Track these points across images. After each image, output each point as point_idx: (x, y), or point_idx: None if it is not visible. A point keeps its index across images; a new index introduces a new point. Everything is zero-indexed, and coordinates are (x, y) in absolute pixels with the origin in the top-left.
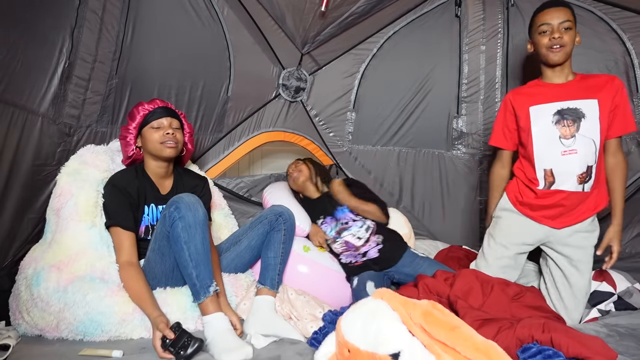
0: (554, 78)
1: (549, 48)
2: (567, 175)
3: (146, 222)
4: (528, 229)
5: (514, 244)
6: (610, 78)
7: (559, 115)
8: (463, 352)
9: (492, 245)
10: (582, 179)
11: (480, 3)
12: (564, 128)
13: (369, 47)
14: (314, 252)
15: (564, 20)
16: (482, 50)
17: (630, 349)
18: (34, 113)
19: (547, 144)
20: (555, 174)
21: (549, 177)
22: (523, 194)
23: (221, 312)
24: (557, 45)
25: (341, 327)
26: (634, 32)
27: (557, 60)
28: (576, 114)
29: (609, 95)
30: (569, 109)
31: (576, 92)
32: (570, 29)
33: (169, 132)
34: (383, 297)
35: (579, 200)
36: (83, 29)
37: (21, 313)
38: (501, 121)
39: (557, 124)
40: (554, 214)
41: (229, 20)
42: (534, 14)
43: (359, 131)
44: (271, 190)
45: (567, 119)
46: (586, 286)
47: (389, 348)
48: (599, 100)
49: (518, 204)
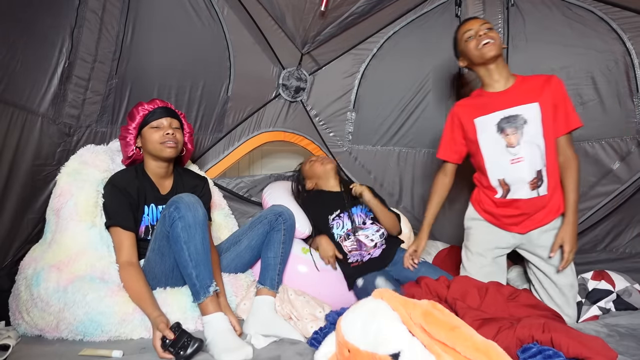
0: (495, 85)
1: (480, 47)
2: (519, 183)
3: (146, 222)
4: (498, 236)
5: (489, 250)
6: (548, 78)
7: (502, 125)
8: (463, 352)
9: (470, 257)
10: (534, 184)
11: (480, 3)
12: (508, 137)
13: (369, 47)
14: (314, 253)
15: (483, 23)
16: None
17: (630, 349)
18: (33, 113)
19: (495, 154)
20: (508, 182)
21: (504, 186)
22: (485, 202)
23: (221, 312)
24: (486, 40)
25: (341, 327)
26: (634, 32)
27: (493, 53)
28: (518, 121)
29: (548, 96)
30: (510, 117)
31: (517, 98)
32: (492, 29)
33: (168, 132)
34: (383, 297)
35: (539, 205)
36: (83, 28)
37: (21, 313)
38: (449, 134)
39: (501, 134)
40: (517, 221)
41: (229, 20)
42: (455, 32)
43: (359, 131)
44: (270, 191)
45: (510, 127)
46: (571, 282)
47: (389, 348)
48: (540, 103)
49: (483, 212)
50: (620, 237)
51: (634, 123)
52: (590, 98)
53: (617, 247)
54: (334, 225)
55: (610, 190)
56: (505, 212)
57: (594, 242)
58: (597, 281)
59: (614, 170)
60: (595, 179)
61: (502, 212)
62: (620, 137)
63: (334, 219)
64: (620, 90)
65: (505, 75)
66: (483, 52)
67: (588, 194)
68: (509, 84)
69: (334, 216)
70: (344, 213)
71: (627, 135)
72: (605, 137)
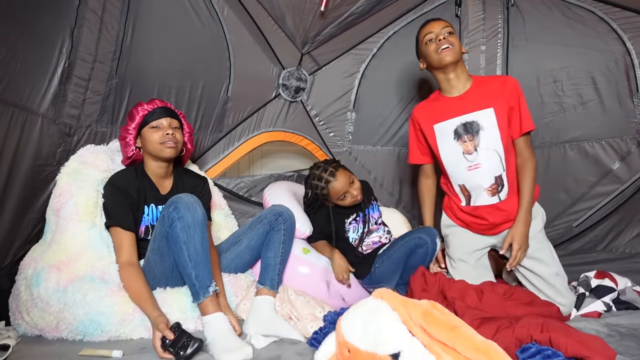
0: (452, 90)
1: (439, 51)
2: (478, 190)
3: (146, 222)
4: (473, 240)
5: (468, 254)
6: (503, 80)
7: (459, 131)
8: (463, 352)
9: (454, 265)
10: (494, 190)
11: (481, 3)
12: (465, 144)
13: (369, 47)
14: (314, 254)
15: (444, 26)
16: (482, 50)
17: (630, 349)
18: (34, 113)
19: (453, 161)
20: (468, 189)
21: (465, 192)
22: (455, 209)
23: (221, 312)
24: (445, 45)
25: (341, 327)
26: (634, 32)
27: (451, 59)
28: (473, 128)
29: (504, 99)
30: (467, 124)
31: (473, 104)
32: (453, 34)
33: (168, 133)
34: (383, 297)
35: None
36: (83, 28)
37: (21, 313)
38: (414, 138)
39: (458, 141)
40: (485, 228)
41: (229, 20)
42: (417, 33)
43: (359, 131)
44: (271, 190)
45: (467, 133)
46: (555, 271)
47: (389, 348)
48: (495, 109)
49: (455, 218)
50: (620, 237)
51: (634, 123)
52: (590, 98)
53: (617, 247)
54: (349, 229)
55: (610, 190)
56: (471, 219)
57: (594, 242)
58: (600, 279)
59: (614, 170)
60: (595, 179)
61: (469, 219)
62: (620, 137)
63: (350, 223)
64: (620, 90)
65: (464, 80)
66: (441, 56)
67: (588, 194)
68: (466, 87)
69: (350, 220)
70: (359, 216)
71: (627, 135)
72: (605, 137)
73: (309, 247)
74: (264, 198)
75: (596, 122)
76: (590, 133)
